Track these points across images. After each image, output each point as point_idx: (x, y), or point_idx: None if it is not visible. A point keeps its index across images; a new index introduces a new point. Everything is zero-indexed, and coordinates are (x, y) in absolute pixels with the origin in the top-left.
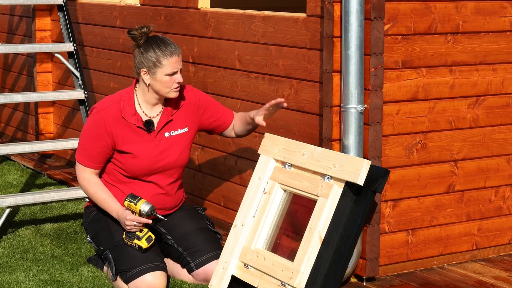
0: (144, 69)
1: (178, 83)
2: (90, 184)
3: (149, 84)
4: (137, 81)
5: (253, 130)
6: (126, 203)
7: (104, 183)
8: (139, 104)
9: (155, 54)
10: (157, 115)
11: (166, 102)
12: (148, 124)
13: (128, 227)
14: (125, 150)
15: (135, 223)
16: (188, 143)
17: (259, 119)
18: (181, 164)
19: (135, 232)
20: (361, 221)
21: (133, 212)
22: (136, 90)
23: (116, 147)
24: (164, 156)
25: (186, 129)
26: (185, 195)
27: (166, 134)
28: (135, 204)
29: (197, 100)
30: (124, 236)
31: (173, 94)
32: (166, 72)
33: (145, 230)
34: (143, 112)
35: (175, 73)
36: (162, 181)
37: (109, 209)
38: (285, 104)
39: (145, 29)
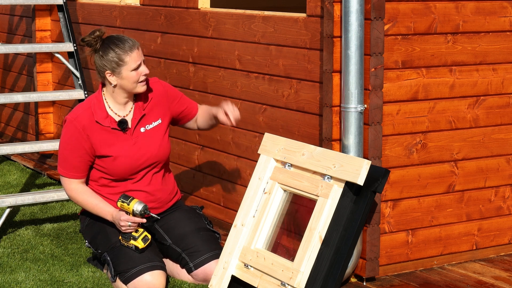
0: (108, 71)
1: (145, 75)
2: (79, 194)
3: (115, 85)
4: (103, 85)
5: (215, 126)
6: (119, 204)
7: (94, 191)
8: (109, 106)
9: (116, 53)
10: (130, 112)
11: (136, 98)
12: (122, 123)
13: (123, 228)
14: (105, 154)
15: (129, 223)
16: (164, 134)
17: (223, 118)
18: (164, 156)
19: (131, 232)
20: (361, 221)
21: (127, 213)
22: (103, 93)
23: (95, 153)
24: (144, 151)
25: (159, 121)
26: (185, 195)
27: (142, 129)
28: (128, 204)
29: (166, 90)
30: (120, 237)
31: (141, 89)
32: (131, 68)
33: (141, 230)
34: (115, 113)
35: (139, 66)
36: (148, 175)
37: (102, 213)
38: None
39: (97, 33)
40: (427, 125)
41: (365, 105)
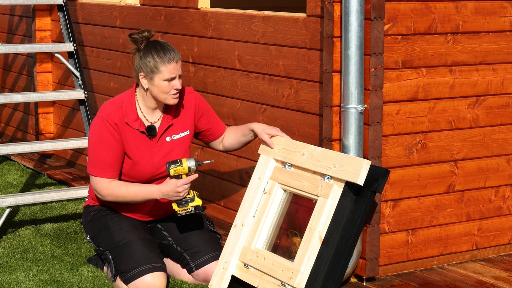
0: (142, 74)
1: (176, 89)
2: (117, 188)
3: (147, 89)
4: (137, 85)
5: (246, 144)
6: (172, 171)
7: None
8: (140, 109)
9: (153, 59)
10: (158, 119)
11: (167, 106)
12: (150, 129)
13: (181, 194)
14: (128, 155)
15: (186, 185)
16: (189, 146)
17: (267, 138)
18: None
19: (185, 196)
20: (361, 221)
21: (177, 177)
22: (136, 94)
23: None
24: (166, 161)
25: (187, 132)
26: None
27: (168, 139)
28: (182, 166)
29: (197, 103)
30: (177, 209)
31: (171, 101)
32: (163, 78)
33: (190, 190)
34: (145, 117)
35: (173, 79)
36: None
37: (150, 195)
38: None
39: (146, 33)
40: (427, 125)
41: (365, 105)
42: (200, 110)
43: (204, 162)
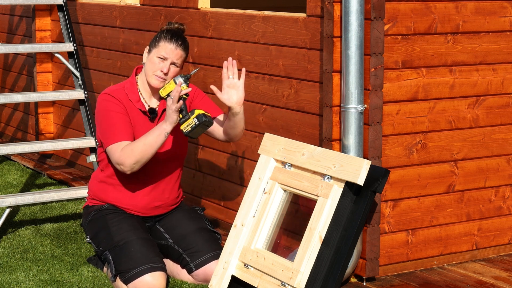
0: (148, 47)
1: (162, 71)
2: (128, 146)
3: (144, 64)
4: (137, 73)
5: (234, 128)
6: (161, 92)
7: (104, 180)
8: (140, 92)
9: (161, 34)
10: (156, 106)
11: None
12: (152, 111)
13: (175, 106)
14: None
15: (176, 96)
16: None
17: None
18: (181, 156)
19: (186, 112)
20: (361, 221)
21: (168, 96)
22: (137, 77)
23: None
24: (164, 145)
25: None
26: (185, 195)
27: None
28: (169, 83)
29: (192, 91)
30: (183, 127)
31: (153, 81)
32: (158, 54)
33: (196, 110)
34: (143, 99)
35: (165, 59)
36: (162, 173)
37: (158, 128)
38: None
39: (178, 25)
40: (427, 125)
41: (365, 105)
42: (191, 93)
43: (191, 73)
